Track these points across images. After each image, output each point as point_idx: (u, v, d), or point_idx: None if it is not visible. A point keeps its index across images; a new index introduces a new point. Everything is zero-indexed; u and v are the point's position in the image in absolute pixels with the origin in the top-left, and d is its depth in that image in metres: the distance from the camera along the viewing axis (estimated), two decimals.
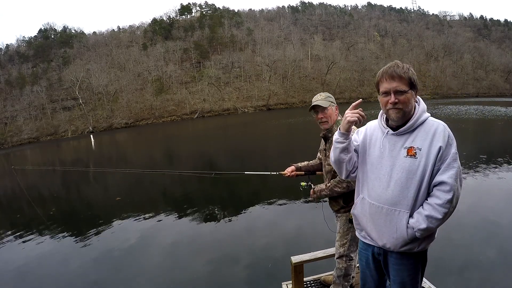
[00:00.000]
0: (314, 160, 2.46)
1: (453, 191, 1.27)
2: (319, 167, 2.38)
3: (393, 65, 1.34)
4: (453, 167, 1.29)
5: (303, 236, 4.63)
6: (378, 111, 1.53)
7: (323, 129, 2.15)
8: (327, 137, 2.13)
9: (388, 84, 1.32)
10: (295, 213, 5.65)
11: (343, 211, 2.15)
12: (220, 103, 54.62)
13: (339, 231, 2.22)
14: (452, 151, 1.30)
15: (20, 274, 4.28)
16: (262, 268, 3.78)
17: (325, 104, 2.05)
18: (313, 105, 2.08)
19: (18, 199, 9.72)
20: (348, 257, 2.18)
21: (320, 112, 2.08)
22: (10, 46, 65.35)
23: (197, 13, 74.99)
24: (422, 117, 1.36)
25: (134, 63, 60.89)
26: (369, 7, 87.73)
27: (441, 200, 1.27)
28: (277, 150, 13.24)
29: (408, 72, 1.31)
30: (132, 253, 4.60)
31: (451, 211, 1.30)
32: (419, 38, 71.39)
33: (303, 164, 2.41)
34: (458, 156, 1.33)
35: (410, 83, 1.31)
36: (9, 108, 52.77)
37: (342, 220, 2.17)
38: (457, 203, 1.31)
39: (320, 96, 2.13)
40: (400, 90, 1.31)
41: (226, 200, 7.01)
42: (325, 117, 2.08)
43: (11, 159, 26.58)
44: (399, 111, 1.33)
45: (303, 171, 2.36)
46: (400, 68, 1.32)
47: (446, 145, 1.30)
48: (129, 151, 21.12)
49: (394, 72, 1.31)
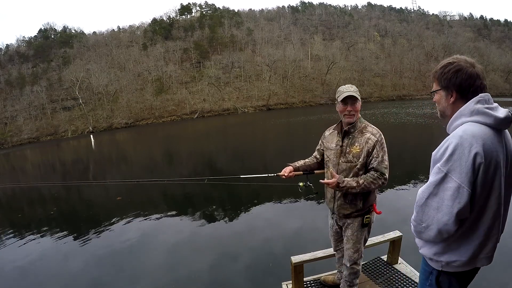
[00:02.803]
0: (311, 158, 2.32)
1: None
2: (317, 166, 2.27)
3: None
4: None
5: (303, 236, 4.63)
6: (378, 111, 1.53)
7: (346, 123, 1.99)
8: (349, 132, 1.99)
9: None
10: (295, 213, 5.66)
11: (356, 214, 2.02)
12: (220, 103, 54.58)
13: (351, 238, 2.07)
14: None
15: (21, 273, 4.28)
16: (262, 268, 3.78)
17: (359, 97, 1.95)
18: (348, 95, 1.91)
19: (18, 199, 9.73)
20: (361, 258, 2.15)
21: (350, 105, 1.94)
22: (10, 46, 65.27)
23: (197, 13, 74.93)
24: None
25: (134, 63, 60.84)
26: (369, 7, 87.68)
27: None
28: (278, 150, 13.24)
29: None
30: (133, 252, 4.61)
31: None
32: (419, 38, 71.37)
33: (300, 163, 2.29)
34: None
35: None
36: (9, 108, 52.68)
37: (354, 226, 2.05)
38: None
39: (352, 88, 1.97)
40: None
41: (226, 200, 7.01)
42: (354, 110, 1.95)
43: (11, 159, 26.58)
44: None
45: (301, 171, 2.25)
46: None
47: None
48: (129, 151, 21.12)
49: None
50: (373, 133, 1.95)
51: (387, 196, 5.88)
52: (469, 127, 1.15)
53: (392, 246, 2.81)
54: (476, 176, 1.11)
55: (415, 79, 62.56)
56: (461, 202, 1.10)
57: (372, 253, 2.95)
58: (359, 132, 1.98)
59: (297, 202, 6.10)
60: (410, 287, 2.50)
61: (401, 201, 5.62)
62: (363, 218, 2.02)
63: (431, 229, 1.19)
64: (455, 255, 1.24)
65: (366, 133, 1.96)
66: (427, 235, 1.22)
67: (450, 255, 1.24)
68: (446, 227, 1.14)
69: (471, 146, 1.09)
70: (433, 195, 1.17)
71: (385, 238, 2.76)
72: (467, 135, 1.12)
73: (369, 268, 2.82)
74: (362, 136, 1.95)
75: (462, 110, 1.21)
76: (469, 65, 1.20)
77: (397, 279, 2.62)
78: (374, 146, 1.91)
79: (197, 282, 3.62)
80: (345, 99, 1.94)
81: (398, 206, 5.31)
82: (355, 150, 1.95)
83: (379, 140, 1.92)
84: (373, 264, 2.88)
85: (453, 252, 1.24)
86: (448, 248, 1.24)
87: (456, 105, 1.24)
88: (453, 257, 1.24)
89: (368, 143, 1.92)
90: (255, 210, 6.00)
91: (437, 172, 1.17)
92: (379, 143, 1.91)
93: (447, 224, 1.14)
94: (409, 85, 61.54)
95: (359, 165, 1.93)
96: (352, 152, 1.95)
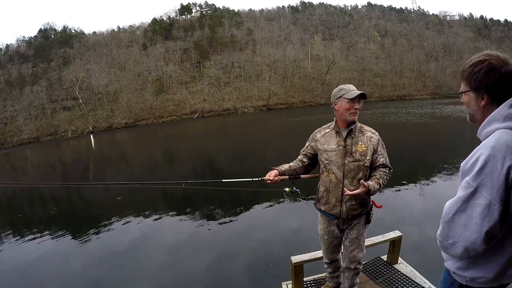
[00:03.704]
0: (296, 162, 2.21)
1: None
2: (303, 170, 2.18)
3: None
4: None
5: (303, 236, 4.64)
6: (378, 111, 1.52)
7: (350, 121, 1.96)
8: (351, 131, 1.98)
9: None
10: (295, 213, 5.66)
11: (364, 212, 2.02)
12: (220, 103, 54.59)
13: (356, 238, 2.05)
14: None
15: (21, 273, 4.28)
16: (262, 268, 3.79)
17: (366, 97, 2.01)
18: (362, 92, 1.95)
19: (19, 199, 9.73)
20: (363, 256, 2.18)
21: (358, 103, 1.97)
22: (10, 46, 65.24)
23: (197, 13, 74.91)
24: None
25: (134, 63, 60.84)
26: (369, 7, 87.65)
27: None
28: (278, 150, 13.23)
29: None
30: (133, 252, 4.61)
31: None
32: (419, 38, 71.34)
33: (286, 167, 2.17)
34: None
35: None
36: (9, 108, 52.68)
37: (359, 226, 2.03)
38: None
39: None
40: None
41: (226, 200, 7.01)
42: (359, 109, 1.99)
43: (11, 159, 26.59)
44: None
45: (287, 175, 2.14)
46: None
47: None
48: (129, 151, 21.12)
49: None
50: (372, 131, 2.02)
51: (387, 196, 5.88)
52: (502, 136, 1.03)
53: (392, 246, 2.81)
54: (509, 192, 0.99)
55: (415, 79, 62.54)
56: (491, 220, 1.00)
57: (372, 253, 2.95)
58: (359, 131, 2.00)
59: (297, 202, 6.10)
60: (410, 287, 2.50)
61: (401, 201, 5.62)
62: (368, 215, 2.04)
63: (457, 247, 1.10)
64: (480, 272, 1.14)
65: (366, 132, 2.00)
66: (453, 251, 1.14)
67: (476, 271, 1.15)
68: (473, 245, 1.05)
69: (505, 158, 0.98)
70: (461, 211, 1.07)
71: (385, 238, 2.76)
72: (500, 146, 1.00)
73: (369, 268, 2.82)
74: (363, 135, 1.99)
75: (494, 115, 1.08)
76: (503, 63, 1.06)
77: (397, 279, 2.62)
78: (378, 144, 1.97)
79: (197, 282, 3.62)
80: (355, 97, 1.93)
81: (398, 206, 5.32)
82: (361, 148, 1.95)
83: (380, 139, 2.00)
84: (373, 264, 2.88)
85: (479, 268, 1.14)
86: (473, 264, 1.15)
87: (487, 108, 1.11)
88: (479, 273, 1.14)
89: (372, 141, 1.97)
90: (255, 210, 6.01)
91: (466, 187, 1.05)
92: (381, 141, 2.00)
93: (475, 243, 1.04)
94: (409, 85, 61.52)
95: (367, 163, 1.96)
96: (359, 151, 1.95)
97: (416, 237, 3.98)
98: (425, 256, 3.43)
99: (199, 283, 3.61)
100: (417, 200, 5.69)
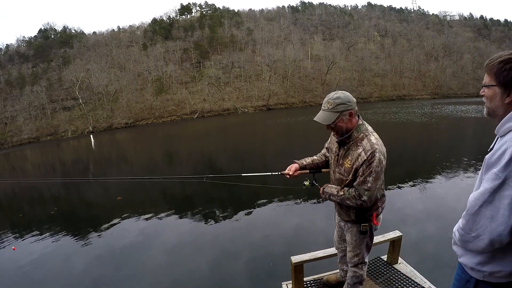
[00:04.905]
0: (319, 155, 2.17)
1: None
2: (325, 164, 2.13)
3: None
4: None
5: (303, 236, 4.64)
6: (379, 111, 1.51)
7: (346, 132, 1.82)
8: (344, 142, 1.83)
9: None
10: (295, 212, 5.66)
11: (352, 222, 2.00)
12: (220, 103, 54.58)
13: (350, 242, 2.06)
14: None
15: (21, 273, 4.29)
16: (262, 268, 3.79)
17: (328, 121, 1.74)
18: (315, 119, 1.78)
19: (19, 199, 9.73)
20: (364, 263, 2.12)
21: (327, 127, 1.79)
22: (10, 46, 65.19)
23: (197, 13, 74.89)
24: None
25: (134, 63, 60.83)
26: (369, 7, 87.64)
27: None
28: (278, 150, 13.24)
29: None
30: (133, 251, 4.62)
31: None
32: (419, 38, 71.33)
33: (308, 161, 2.12)
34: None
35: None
36: (9, 108, 52.64)
37: (353, 232, 2.02)
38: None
39: (328, 104, 1.74)
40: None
41: (226, 200, 7.02)
42: (335, 130, 1.81)
43: (11, 159, 26.59)
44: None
45: (307, 169, 2.10)
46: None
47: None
48: (129, 151, 21.12)
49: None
50: (365, 149, 1.73)
51: (387, 196, 5.88)
52: None
53: (392, 246, 2.82)
54: None
55: (415, 79, 62.54)
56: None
57: (372, 253, 2.93)
58: (354, 144, 1.79)
59: (298, 202, 6.11)
60: (410, 287, 2.50)
61: (401, 201, 5.63)
62: (359, 225, 1.96)
63: (481, 239, 1.10)
64: (499, 265, 1.14)
65: (359, 148, 1.75)
66: (475, 245, 1.13)
67: (495, 265, 1.15)
68: (499, 237, 1.05)
69: None
70: (488, 203, 1.07)
71: (385, 238, 2.76)
72: None
73: (369, 268, 2.82)
74: (355, 150, 1.77)
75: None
76: None
77: (397, 279, 2.62)
78: (362, 165, 1.73)
79: (197, 282, 3.63)
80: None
81: (398, 206, 5.33)
82: (346, 164, 1.82)
83: (367, 159, 1.70)
84: (373, 264, 2.88)
85: (498, 262, 1.14)
86: (493, 258, 1.15)
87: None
88: (498, 267, 1.14)
89: (358, 160, 1.75)
90: (256, 209, 6.01)
91: (494, 179, 1.05)
92: (366, 162, 1.71)
93: (501, 234, 1.04)
94: (409, 85, 61.52)
95: (349, 181, 1.83)
96: (344, 166, 1.84)
97: (416, 237, 3.99)
98: (425, 256, 3.43)
99: (199, 282, 3.62)
100: (417, 200, 5.69)
